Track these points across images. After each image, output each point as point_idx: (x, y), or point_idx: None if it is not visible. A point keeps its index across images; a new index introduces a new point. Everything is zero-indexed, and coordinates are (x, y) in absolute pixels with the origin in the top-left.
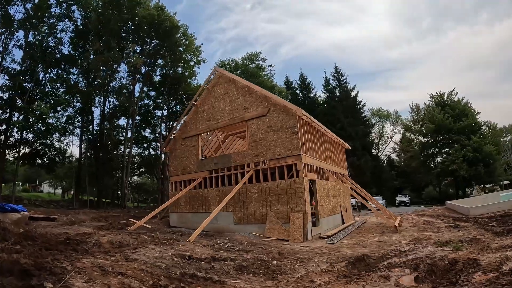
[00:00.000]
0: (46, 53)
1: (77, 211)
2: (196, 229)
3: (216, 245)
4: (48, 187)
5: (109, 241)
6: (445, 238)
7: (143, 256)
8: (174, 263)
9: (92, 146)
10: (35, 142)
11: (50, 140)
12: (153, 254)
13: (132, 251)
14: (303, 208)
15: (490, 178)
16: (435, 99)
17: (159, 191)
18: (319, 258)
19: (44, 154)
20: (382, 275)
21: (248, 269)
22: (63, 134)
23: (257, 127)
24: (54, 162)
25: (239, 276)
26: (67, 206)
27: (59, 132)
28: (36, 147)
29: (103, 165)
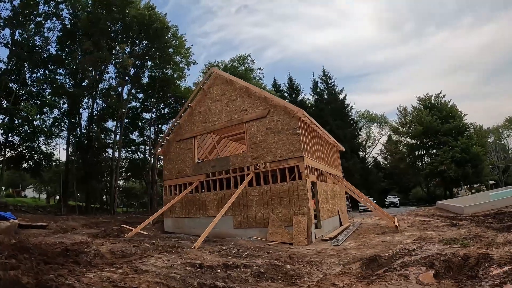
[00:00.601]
0: (33, 52)
1: (66, 217)
2: (194, 235)
3: (222, 251)
4: (32, 192)
5: (110, 251)
6: (449, 236)
7: (152, 267)
8: (188, 273)
9: (79, 150)
10: (21, 145)
11: (36, 143)
12: (162, 264)
13: (139, 262)
14: (306, 210)
15: (478, 178)
16: (422, 102)
17: (148, 195)
18: (330, 260)
19: (30, 158)
20: (400, 274)
21: (266, 275)
22: (49, 137)
23: (257, 129)
24: (40, 166)
25: (258, 283)
26: (55, 212)
27: (45, 135)
28: (22, 150)
29: (91, 169)
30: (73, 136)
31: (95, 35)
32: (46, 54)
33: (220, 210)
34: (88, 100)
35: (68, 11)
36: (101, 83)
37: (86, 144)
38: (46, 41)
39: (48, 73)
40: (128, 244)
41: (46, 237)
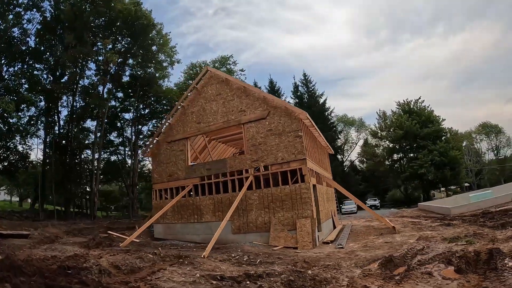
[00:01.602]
0: (11, 44)
1: (45, 223)
2: (188, 241)
3: (233, 259)
4: (3, 195)
5: (112, 265)
6: (449, 235)
7: (173, 283)
8: (215, 287)
9: (57, 150)
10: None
11: (13, 143)
12: (181, 279)
13: (154, 277)
14: (310, 213)
15: (455, 180)
16: (402, 106)
17: (130, 200)
18: (345, 263)
19: (5, 158)
20: (423, 272)
21: (296, 283)
22: (25, 136)
23: (256, 131)
24: (15, 167)
25: None
26: (33, 217)
27: (20, 134)
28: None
29: (69, 171)
30: (51, 136)
31: (78, 29)
32: (25, 47)
33: (217, 215)
34: (68, 98)
35: (49, 2)
36: (81, 80)
37: (64, 145)
38: (25, 33)
39: (26, 67)
40: (129, 256)
41: (33, 249)
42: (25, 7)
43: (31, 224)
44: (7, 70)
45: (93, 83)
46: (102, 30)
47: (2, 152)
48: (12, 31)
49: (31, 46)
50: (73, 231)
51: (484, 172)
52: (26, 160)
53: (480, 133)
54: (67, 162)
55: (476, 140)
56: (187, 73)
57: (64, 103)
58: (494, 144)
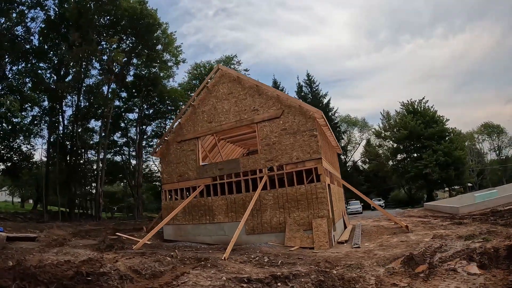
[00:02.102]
0: (15, 43)
1: (50, 224)
2: (199, 242)
3: (253, 260)
4: (5, 196)
5: (131, 269)
6: (463, 233)
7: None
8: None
9: (61, 151)
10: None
11: (17, 143)
12: (207, 283)
13: (181, 283)
14: (326, 213)
15: (459, 180)
16: (405, 107)
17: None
18: (367, 262)
19: (9, 159)
20: (447, 268)
21: (327, 283)
22: (28, 136)
23: (270, 130)
24: (19, 168)
25: None
26: (37, 219)
27: (23, 135)
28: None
29: (73, 172)
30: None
31: (83, 27)
32: (29, 46)
33: (229, 216)
34: (72, 97)
35: (53, 1)
36: (86, 79)
37: (68, 145)
38: (28, 32)
39: (30, 66)
40: (146, 259)
41: (43, 253)
42: (29, 6)
43: (36, 226)
44: (10, 69)
45: (98, 82)
46: (106, 29)
47: (5, 152)
48: (15, 29)
49: (35, 44)
50: (80, 233)
51: (486, 172)
52: (30, 161)
53: (482, 133)
54: (71, 162)
55: (478, 140)
56: (191, 73)
57: (69, 102)
58: (496, 144)
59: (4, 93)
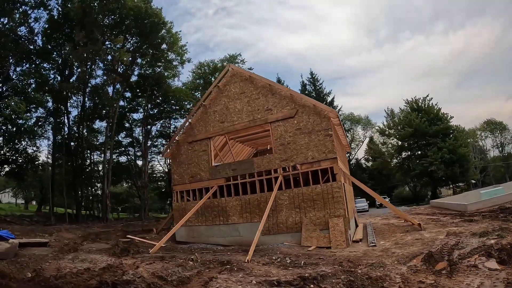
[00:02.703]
0: (18, 43)
1: (57, 227)
2: (214, 244)
3: (276, 262)
4: (8, 197)
5: (155, 275)
6: (476, 230)
7: None
8: None
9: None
10: (5, 147)
11: (22, 145)
12: (238, 287)
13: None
14: (342, 212)
15: (463, 177)
16: (410, 104)
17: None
18: (387, 260)
19: (14, 161)
20: (468, 265)
21: (357, 283)
22: (33, 138)
23: (284, 130)
24: (25, 170)
25: None
26: (44, 221)
27: (28, 136)
28: (5, 153)
29: (79, 173)
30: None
31: (87, 27)
32: (33, 46)
33: (244, 216)
34: (77, 98)
35: (56, 1)
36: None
37: (74, 146)
38: (32, 32)
39: (34, 67)
40: (168, 264)
41: (58, 261)
42: (32, 6)
43: (44, 229)
44: (14, 70)
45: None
46: (110, 28)
47: (10, 154)
48: (19, 30)
49: (38, 45)
50: (90, 236)
51: (490, 169)
52: (35, 162)
53: (485, 130)
54: (77, 163)
55: (481, 137)
56: (195, 73)
57: (74, 103)
58: (499, 141)
59: (8, 94)
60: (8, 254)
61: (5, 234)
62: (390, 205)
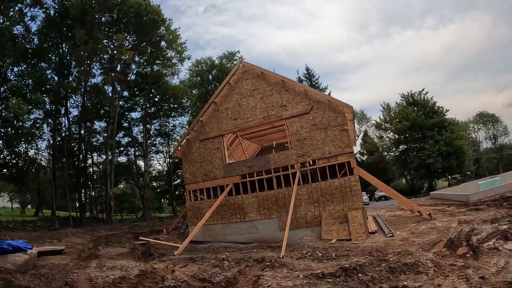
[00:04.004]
0: (16, 42)
1: (63, 232)
2: (231, 242)
3: (307, 256)
4: (3, 202)
5: (197, 279)
6: (485, 218)
7: None
8: (335, 284)
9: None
10: (4, 150)
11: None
12: (290, 283)
13: (267, 286)
14: (360, 205)
15: (460, 169)
16: (406, 98)
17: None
18: (411, 248)
19: (14, 165)
20: (488, 248)
21: (396, 270)
22: (31, 140)
23: (300, 126)
24: (25, 173)
25: (399, 277)
26: (48, 226)
27: (25, 138)
28: (5, 156)
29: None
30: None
31: (87, 25)
32: (30, 46)
33: (262, 213)
34: (76, 98)
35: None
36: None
37: (75, 147)
38: (28, 30)
39: (32, 67)
40: (202, 265)
41: (83, 269)
42: (28, 4)
43: (50, 235)
44: (11, 70)
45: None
46: (108, 26)
47: (10, 158)
48: (16, 28)
49: (36, 44)
50: (100, 240)
51: (483, 160)
52: (35, 165)
53: (478, 123)
54: (79, 165)
55: (474, 129)
56: (193, 70)
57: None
58: (491, 133)
59: (6, 95)
60: (27, 266)
61: (22, 244)
62: (403, 197)
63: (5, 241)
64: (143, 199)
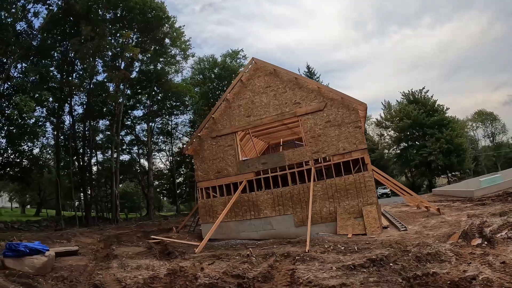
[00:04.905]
0: (19, 39)
1: (71, 232)
2: (245, 239)
3: (330, 249)
4: (2, 202)
5: (230, 275)
6: (494, 211)
7: (329, 277)
8: (370, 273)
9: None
10: (8, 149)
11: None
12: (325, 275)
13: (305, 279)
14: (374, 200)
15: (460, 167)
16: (406, 96)
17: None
18: (429, 241)
19: (18, 164)
20: (502, 238)
21: (423, 259)
22: (33, 138)
23: (314, 123)
24: (28, 173)
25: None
26: (54, 226)
27: (28, 137)
28: (9, 156)
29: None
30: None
31: (92, 21)
32: (35, 43)
33: (277, 209)
34: (80, 96)
35: None
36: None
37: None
38: (31, 27)
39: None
40: (229, 262)
41: (106, 270)
42: (30, 0)
43: (58, 235)
44: (15, 67)
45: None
46: (112, 24)
47: (14, 157)
48: (19, 25)
49: (38, 41)
50: (110, 239)
51: (481, 158)
52: (39, 164)
53: (476, 121)
54: (83, 164)
55: (472, 127)
56: (195, 68)
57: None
58: (489, 131)
59: (9, 93)
60: (46, 269)
61: (39, 246)
62: (414, 194)
63: (20, 243)
64: (147, 198)
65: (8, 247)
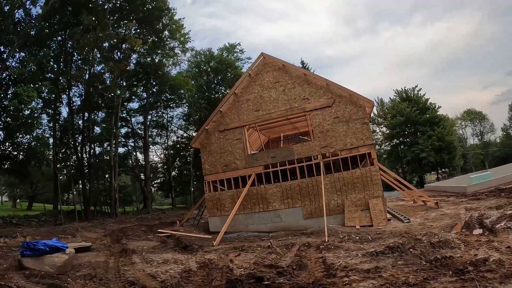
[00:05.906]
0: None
1: (72, 226)
2: (254, 231)
3: (346, 239)
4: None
5: (263, 265)
6: (490, 205)
7: (357, 262)
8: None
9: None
10: (6, 141)
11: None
12: (353, 261)
13: (338, 265)
14: (380, 193)
15: (450, 164)
16: (399, 94)
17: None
18: (434, 231)
19: (15, 156)
20: (502, 228)
21: (436, 245)
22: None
23: (322, 118)
24: (27, 166)
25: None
26: (53, 221)
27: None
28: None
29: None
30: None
31: (92, 11)
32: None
33: (285, 202)
34: (78, 87)
35: None
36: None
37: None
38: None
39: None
40: (254, 253)
41: (131, 266)
42: None
43: (60, 230)
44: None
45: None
46: (110, 14)
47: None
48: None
49: (36, 30)
50: (115, 234)
51: (469, 156)
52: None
53: (465, 120)
54: (82, 157)
55: (462, 126)
56: (192, 61)
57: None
58: (478, 129)
59: (5, 83)
60: (67, 267)
61: (59, 243)
62: (414, 187)
63: (39, 241)
64: (145, 192)
65: (26, 246)
